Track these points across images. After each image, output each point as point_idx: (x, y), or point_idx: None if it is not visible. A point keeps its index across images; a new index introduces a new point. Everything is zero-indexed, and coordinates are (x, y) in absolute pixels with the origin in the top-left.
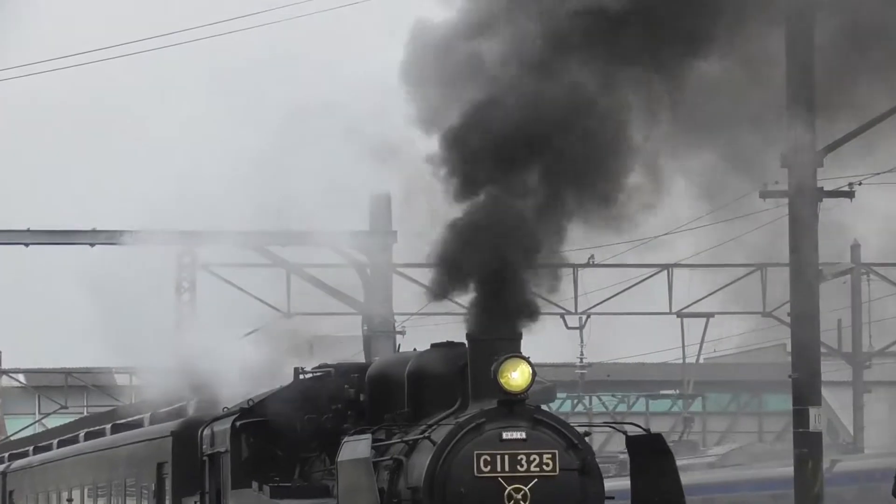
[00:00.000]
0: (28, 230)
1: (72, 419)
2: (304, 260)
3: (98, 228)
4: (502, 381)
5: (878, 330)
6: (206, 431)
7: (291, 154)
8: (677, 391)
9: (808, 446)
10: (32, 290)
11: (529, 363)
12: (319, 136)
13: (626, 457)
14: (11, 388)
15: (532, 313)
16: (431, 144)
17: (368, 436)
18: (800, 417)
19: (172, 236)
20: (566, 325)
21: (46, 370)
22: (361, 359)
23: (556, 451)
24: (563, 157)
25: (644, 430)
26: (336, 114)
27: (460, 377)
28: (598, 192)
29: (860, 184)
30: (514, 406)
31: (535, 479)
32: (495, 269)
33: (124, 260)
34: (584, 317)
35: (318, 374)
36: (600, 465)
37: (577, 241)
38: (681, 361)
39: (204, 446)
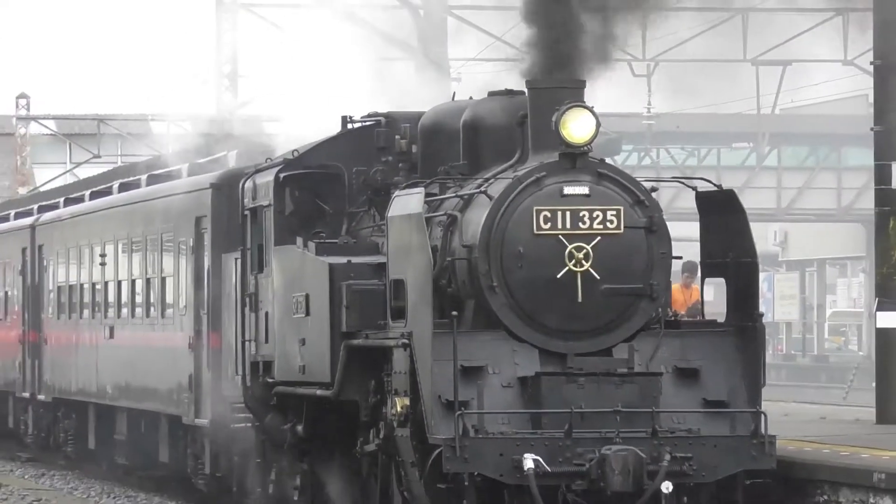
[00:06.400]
0: None
1: (105, 169)
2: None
3: None
4: (564, 132)
5: None
6: (248, 184)
7: None
8: (751, 144)
9: (889, 204)
10: (63, 32)
11: (594, 113)
12: None
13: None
14: (41, 135)
15: (598, 58)
16: None
17: (421, 190)
18: (881, 173)
19: None
20: (633, 72)
21: (78, 117)
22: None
23: (622, 208)
24: None
25: (715, 185)
26: None
27: (519, 128)
28: None
29: None
30: (576, 159)
31: (599, 237)
32: (557, 8)
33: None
34: (651, 64)
35: (368, 123)
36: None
37: None
38: (755, 112)
39: (245, 199)
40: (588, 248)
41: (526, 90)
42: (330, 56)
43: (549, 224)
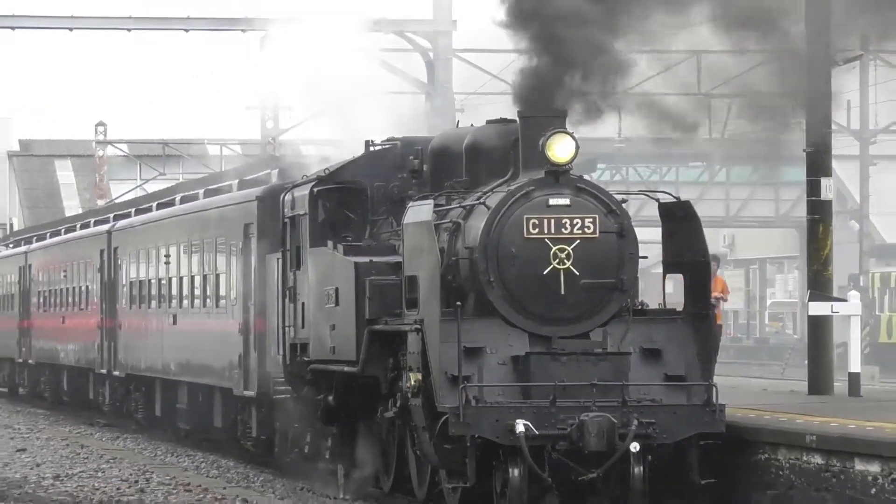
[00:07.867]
0: (130, 17)
1: (169, 185)
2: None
3: (192, 16)
4: (549, 153)
5: (884, 109)
6: (288, 196)
7: None
8: (705, 163)
9: (819, 213)
10: (134, 71)
11: (574, 137)
12: None
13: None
14: (115, 156)
15: (579, 92)
16: None
17: (430, 201)
18: (813, 187)
19: (253, 23)
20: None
21: (147, 141)
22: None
23: (597, 216)
24: None
25: (675, 197)
26: None
27: (512, 150)
28: None
29: None
30: (559, 176)
31: (578, 241)
32: (547, 52)
33: (213, 45)
34: (622, 97)
35: (386, 146)
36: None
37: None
38: (708, 137)
39: (285, 210)
40: (569, 249)
41: (517, 119)
42: (356, 90)
43: (537, 229)
